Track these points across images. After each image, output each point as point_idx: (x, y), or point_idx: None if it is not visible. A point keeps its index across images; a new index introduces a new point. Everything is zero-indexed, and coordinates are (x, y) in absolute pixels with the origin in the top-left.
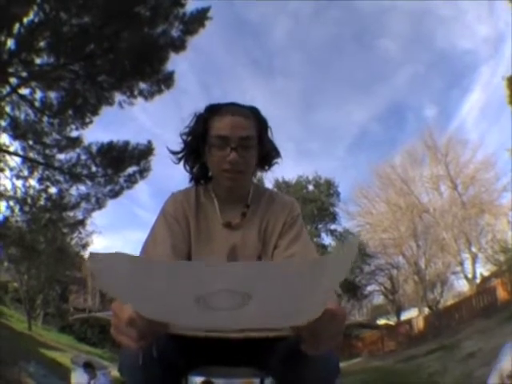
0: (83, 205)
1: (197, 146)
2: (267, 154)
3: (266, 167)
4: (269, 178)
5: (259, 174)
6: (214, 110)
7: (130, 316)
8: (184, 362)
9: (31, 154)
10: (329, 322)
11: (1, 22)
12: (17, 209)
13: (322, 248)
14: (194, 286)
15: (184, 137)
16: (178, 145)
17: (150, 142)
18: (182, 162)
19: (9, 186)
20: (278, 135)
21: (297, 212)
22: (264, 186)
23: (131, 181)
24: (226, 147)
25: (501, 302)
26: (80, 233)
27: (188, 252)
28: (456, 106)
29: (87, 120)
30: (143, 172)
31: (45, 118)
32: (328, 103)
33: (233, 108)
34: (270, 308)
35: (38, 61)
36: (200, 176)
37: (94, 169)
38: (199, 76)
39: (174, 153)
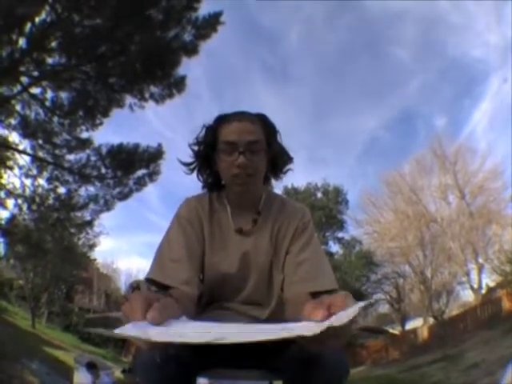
0: (91, 206)
1: (207, 155)
2: (278, 159)
3: (279, 173)
4: (278, 185)
5: (273, 181)
6: (221, 120)
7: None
8: (196, 362)
9: (40, 154)
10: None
11: (13, 21)
12: (25, 207)
13: (329, 256)
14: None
15: (194, 147)
16: (188, 153)
17: (160, 145)
18: (194, 173)
19: (17, 184)
20: (289, 142)
21: (308, 218)
22: (276, 193)
23: (140, 183)
24: (234, 152)
25: (506, 312)
26: (87, 233)
27: (202, 255)
28: (466, 114)
29: (97, 121)
30: (153, 175)
31: (55, 118)
32: (339, 110)
33: (239, 115)
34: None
35: (49, 61)
36: (213, 185)
37: (103, 170)
38: (211, 81)
39: (186, 164)
